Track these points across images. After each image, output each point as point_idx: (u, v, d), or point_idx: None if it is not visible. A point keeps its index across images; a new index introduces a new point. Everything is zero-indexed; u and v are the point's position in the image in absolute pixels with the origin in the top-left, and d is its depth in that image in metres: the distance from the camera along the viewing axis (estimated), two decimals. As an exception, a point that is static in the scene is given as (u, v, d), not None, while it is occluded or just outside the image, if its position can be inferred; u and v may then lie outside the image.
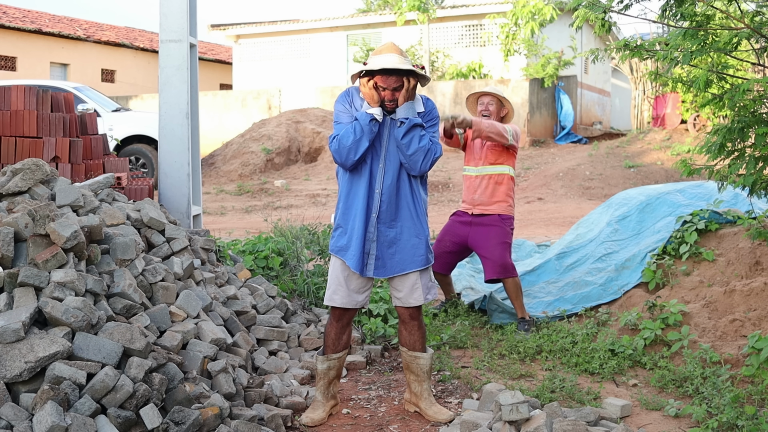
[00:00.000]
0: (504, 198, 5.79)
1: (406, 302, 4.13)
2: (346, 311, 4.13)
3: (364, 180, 3.99)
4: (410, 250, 4.05)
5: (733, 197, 6.42)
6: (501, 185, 5.78)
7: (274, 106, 24.27)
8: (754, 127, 4.59)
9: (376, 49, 4.02)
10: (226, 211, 14.12)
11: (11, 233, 3.68)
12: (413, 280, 4.09)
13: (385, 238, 4.02)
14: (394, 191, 4.01)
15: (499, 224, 5.74)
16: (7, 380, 3.15)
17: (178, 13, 5.95)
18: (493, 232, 5.72)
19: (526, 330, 5.54)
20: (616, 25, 5.46)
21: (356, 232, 3.98)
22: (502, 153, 5.78)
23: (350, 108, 4.04)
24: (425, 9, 22.87)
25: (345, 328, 4.18)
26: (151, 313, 4.04)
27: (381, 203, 3.99)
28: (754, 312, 4.87)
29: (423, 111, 4.05)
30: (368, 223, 3.99)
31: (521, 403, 3.46)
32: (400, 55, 3.91)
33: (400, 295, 4.13)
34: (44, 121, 5.62)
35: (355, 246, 3.98)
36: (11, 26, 25.95)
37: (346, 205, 4.06)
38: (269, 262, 6.06)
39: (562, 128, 22.36)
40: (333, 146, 3.96)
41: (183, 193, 6.00)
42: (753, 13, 4.90)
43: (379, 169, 3.99)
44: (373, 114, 3.91)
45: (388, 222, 4.01)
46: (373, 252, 4.01)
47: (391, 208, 4.01)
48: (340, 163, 4.00)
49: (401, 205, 4.03)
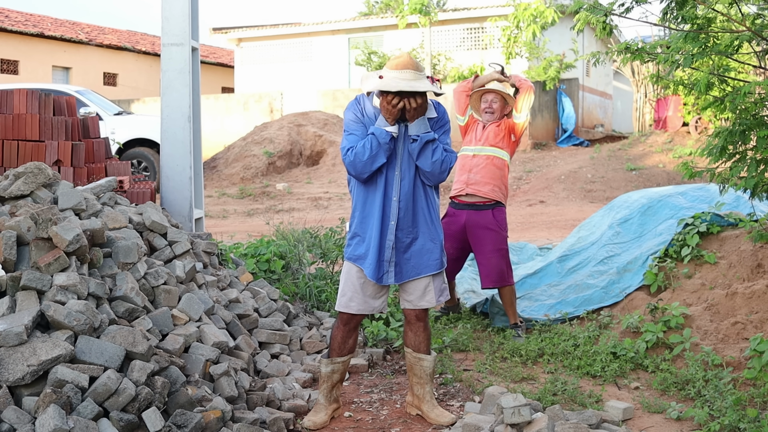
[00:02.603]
0: (499, 184, 5.66)
1: (416, 305, 4.12)
2: (355, 316, 4.12)
3: (380, 188, 3.97)
4: (426, 254, 4.05)
5: (734, 200, 6.42)
6: (498, 169, 5.66)
7: (275, 110, 24.28)
8: (755, 130, 4.59)
9: (391, 60, 3.95)
10: (228, 214, 14.13)
11: (14, 237, 3.69)
12: (426, 283, 4.09)
13: (402, 244, 4.02)
14: (411, 198, 4.00)
15: (495, 227, 5.63)
16: (10, 384, 3.15)
17: (179, 16, 5.96)
18: (489, 238, 5.63)
19: (518, 336, 5.50)
20: (617, 28, 5.46)
21: (374, 241, 3.97)
22: (505, 138, 5.69)
23: (362, 117, 4.00)
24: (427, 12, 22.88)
25: (352, 332, 4.18)
26: (153, 317, 4.04)
27: (399, 210, 3.98)
28: (756, 315, 4.87)
29: (435, 116, 4.04)
30: (386, 230, 3.98)
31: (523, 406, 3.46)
32: (416, 69, 3.85)
33: (411, 298, 4.12)
34: (46, 125, 5.63)
35: (373, 254, 3.97)
36: (13, 30, 25.98)
37: (363, 214, 4.03)
38: (271, 266, 6.07)
39: (563, 131, 22.36)
40: (347, 159, 3.91)
41: (185, 196, 6.01)
42: (754, 16, 4.91)
43: (395, 177, 3.97)
44: (392, 133, 3.88)
45: (406, 229, 4.00)
46: (393, 259, 4.01)
47: (408, 215, 4.00)
48: (354, 175, 3.97)
49: (418, 211, 4.02)
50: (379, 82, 3.86)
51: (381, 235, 3.97)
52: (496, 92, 5.75)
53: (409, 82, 3.81)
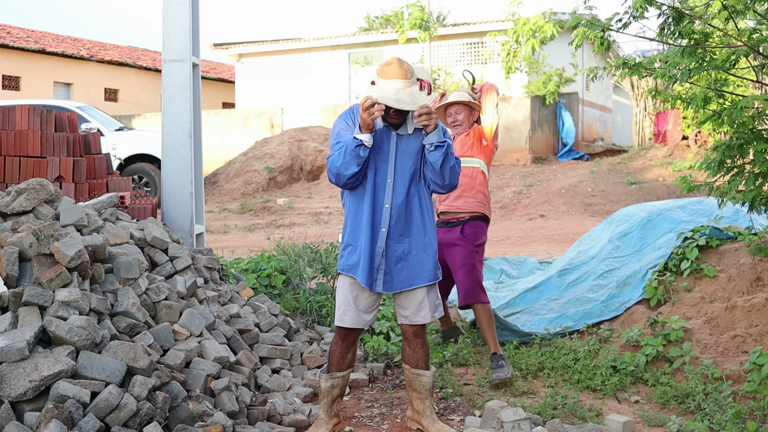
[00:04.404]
0: (473, 194, 5.33)
1: (412, 320, 4.09)
2: (352, 331, 4.10)
3: (368, 196, 3.94)
4: (418, 265, 4.02)
5: (733, 213, 6.43)
6: (470, 179, 5.32)
7: (276, 125, 24.36)
8: (753, 144, 4.61)
9: (381, 67, 3.89)
10: (229, 229, 14.16)
11: (16, 253, 3.71)
12: (420, 297, 4.06)
13: (394, 253, 3.99)
14: (405, 206, 3.97)
15: (461, 242, 5.29)
16: (12, 399, 3.17)
17: (180, 33, 6.00)
18: (456, 254, 5.30)
19: (501, 366, 4.95)
20: (615, 43, 5.49)
21: (364, 248, 3.94)
22: (474, 144, 5.38)
23: (353, 126, 3.98)
24: (427, 27, 23.00)
25: (350, 347, 4.16)
26: (154, 332, 4.06)
27: (391, 218, 3.95)
28: (756, 328, 4.88)
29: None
30: (377, 238, 3.96)
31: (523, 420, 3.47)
32: (406, 78, 3.80)
33: (407, 313, 4.09)
34: (48, 141, 5.66)
35: (364, 261, 3.94)
36: (15, 46, 26.12)
37: (354, 223, 4.01)
38: (272, 281, 6.08)
39: (563, 145, 22.39)
40: (327, 164, 3.93)
41: (186, 212, 6.03)
42: (750, 31, 4.94)
43: (387, 184, 3.95)
44: (362, 141, 3.81)
45: (396, 237, 3.98)
46: (382, 267, 3.98)
47: (400, 223, 3.97)
48: (334, 182, 3.95)
49: (411, 220, 4.00)
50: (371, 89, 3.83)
51: (372, 241, 3.94)
52: (457, 103, 5.49)
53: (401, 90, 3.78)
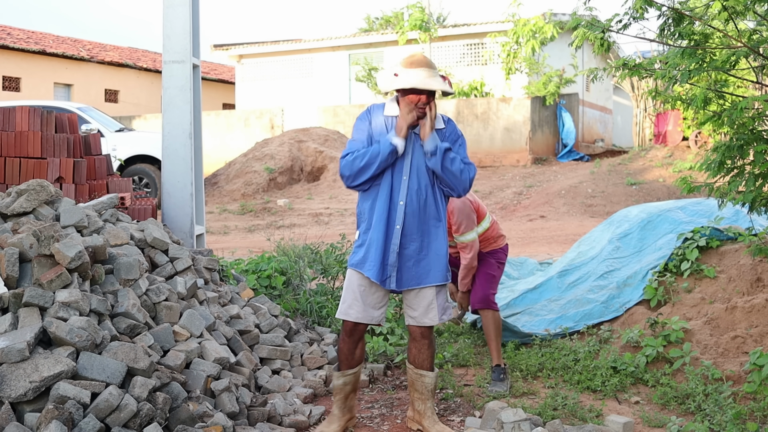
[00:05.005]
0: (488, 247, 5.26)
1: (420, 322, 4.09)
2: (357, 326, 4.09)
3: (384, 193, 3.94)
4: (429, 264, 4.02)
5: (734, 214, 6.43)
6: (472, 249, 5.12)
7: (276, 126, 24.37)
8: (753, 145, 4.62)
9: (406, 59, 3.97)
10: (229, 230, 14.15)
11: (16, 254, 3.71)
12: (429, 298, 4.05)
13: (406, 250, 3.98)
14: (420, 204, 3.97)
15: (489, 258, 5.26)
16: (12, 400, 3.17)
17: (181, 34, 6.00)
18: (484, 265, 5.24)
19: (501, 380, 4.87)
20: (615, 44, 5.50)
21: (375, 243, 3.94)
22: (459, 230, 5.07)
23: (369, 126, 4.02)
24: (427, 28, 23.04)
25: (357, 342, 4.15)
26: (154, 333, 4.06)
27: (405, 215, 3.95)
28: (756, 328, 4.88)
29: (443, 127, 4.05)
30: (391, 235, 3.95)
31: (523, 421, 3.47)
32: (430, 68, 3.90)
33: (415, 314, 4.08)
34: (48, 142, 5.66)
35: (375, 256, 3.94)
36: (15, 47, 26.15)
37: (369, 220, 4.01)
38: (272, 282, 6.08)
39: (564, 146, 22.42)
40: (343, 161, 3.92)
41: (186, 212, 6.03)
42: (750, 32, 4.95)
43: (402, 182, 3.94)
44: (396, 146, 3.87)
45: (410, 235, 3.97)
46: (396, 264, 3.98)
47: (414, 221, 3.96)
48: (343, 178, 3.96)
49: (426, 219, 4.00)
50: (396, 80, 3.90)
51: (386, 238, 3.95)
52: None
53: (425, 79, 3.85)
